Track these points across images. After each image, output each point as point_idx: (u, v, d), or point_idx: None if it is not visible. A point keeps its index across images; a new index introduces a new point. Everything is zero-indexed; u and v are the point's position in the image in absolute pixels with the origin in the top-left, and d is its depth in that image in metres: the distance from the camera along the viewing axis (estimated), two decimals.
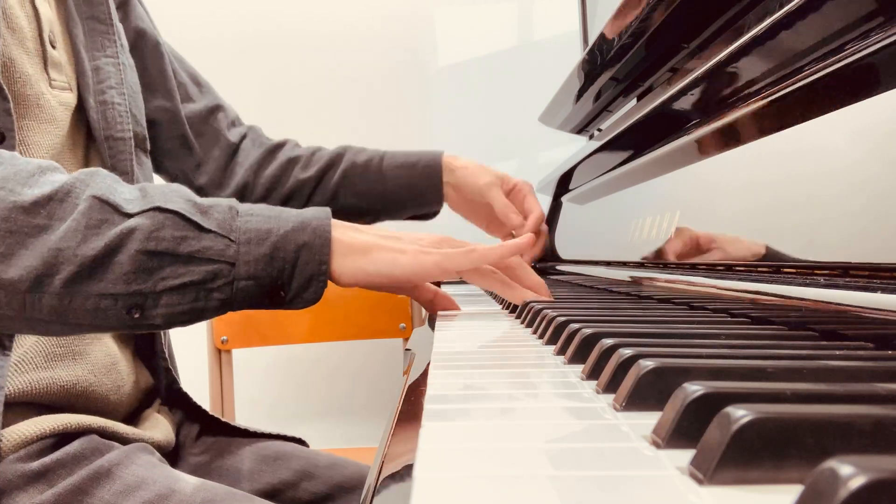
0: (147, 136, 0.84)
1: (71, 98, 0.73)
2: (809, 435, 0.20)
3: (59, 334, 0.61)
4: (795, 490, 0.17)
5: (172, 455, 0.78)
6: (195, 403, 0.83)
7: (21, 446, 0.61)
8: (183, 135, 0.93)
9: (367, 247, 0.59)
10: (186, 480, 0.63)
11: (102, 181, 0.55)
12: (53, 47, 0.71)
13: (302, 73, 1.74)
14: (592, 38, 0.97)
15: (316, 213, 0.59)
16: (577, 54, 1.47)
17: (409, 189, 0.99)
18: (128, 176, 0.76)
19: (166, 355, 0.82)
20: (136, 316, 0.54)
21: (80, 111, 0.75)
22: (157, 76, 0.89)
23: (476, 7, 1.77)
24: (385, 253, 0.59)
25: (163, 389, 0.82)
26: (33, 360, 0.65)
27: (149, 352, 0.81)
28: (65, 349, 0.68)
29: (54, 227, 0.52)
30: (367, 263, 0.59)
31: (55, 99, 0.71)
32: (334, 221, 0.59)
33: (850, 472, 0.15)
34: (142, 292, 0.53)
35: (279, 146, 1.03)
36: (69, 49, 0.75)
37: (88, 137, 0.76)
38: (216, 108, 0.98)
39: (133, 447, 0.66)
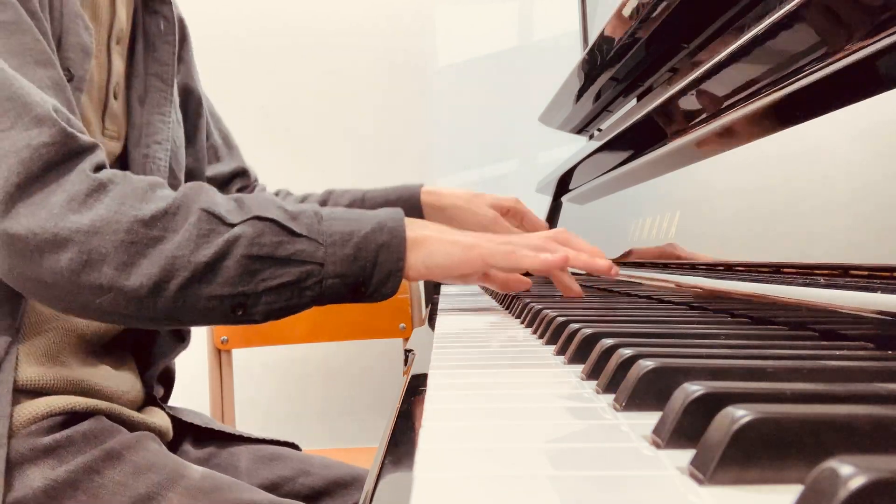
0: None
1: (117, 147, 0.76)
2: (809, 435, 0.20)
3: (164, 328, 0.67)
4: (795, 490, 0.17)
5: (170, 450, 0.79)
6: (187, 422, 0.83)
7: (32, 422, 0.63)
8: None
9: (428, 240, 0.65)
10: (194, 468, 0.66)
11: (206, 195, 0.61)
12: (115, 98, 0.75)
13: (302, 73, 1.74)
14: (592, 38, 0.97)
15: (390, 215, 0.65)
16: (577, 54, 1.47)
17: None
18: None
19: (173, 374, 0.84)
20: (240, 314, 0.60)
21: (122, 160, 0.77)
22: (191, 136, 0.91)
23: (476, 7, 1.77)
24: (441, 245, 0.65)
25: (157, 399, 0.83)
26: (40, 359, 0.67)
27: (145, 365, 0.81)
28: (67, 357, 0.69)
29: (169, 237, 0.58)
30: (426, 256, 0.64)
31: (105, 147, 0.73)
32: (406, 220, 0.65)
33: (850, 472, 0.15)
34: (245, 293, 0.59)
35: None
36: (124, 101, 0.78)
37: None
38: (238, 174, 0.99)
39: (142, 434, 0.68)
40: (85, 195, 0.58)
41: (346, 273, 0.61)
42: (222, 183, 0.97)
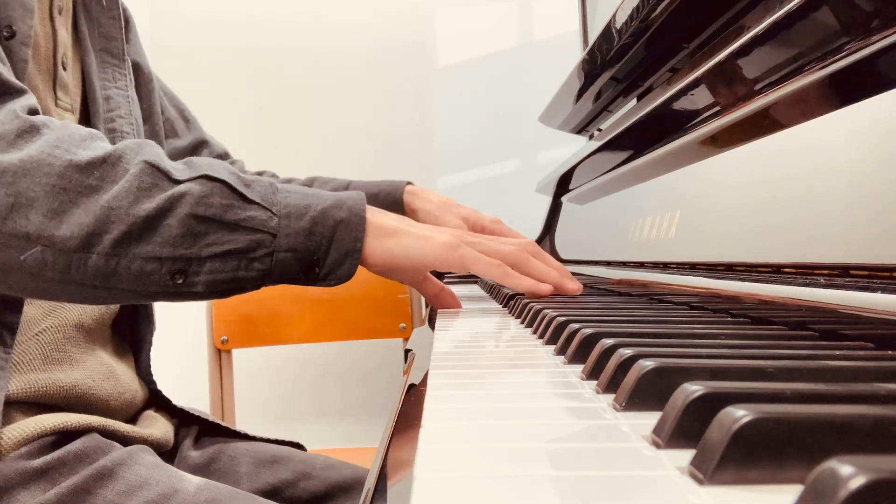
0: None
1: (72, 120, 0.74)
2: (809, 435, 0.20)
3: (97, 302, 0.61)
4: (795, 490, 0.17)
5: (170, 456, 0.78)
6: (192, 414, 0.83)
7: (22, 444, 0.61)
8: None
9: (396, 230, 0.62)
10: (189, 480, 0.64)
11: (152, 149, 0.57)
12: (64, 69, 0.72)
13: (302, 73, 1.74)
14: (592, 38, 0.97)
15: (350, 194, 0.61)
16: (577, 54, 1.47)
17: None
18: None
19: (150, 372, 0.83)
20: (179, 281, 0.55)
21: None
22: (147, 115, 0.89)
23: (476, 7, 1.77)
24: (413, 238, 0.62)
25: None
26: (31, 363, 0.65)
27: (137, 352, 0.81)
28: (63, 354, 0.68)
29: (106, 188, 0.53)
30: (395, 245, 0.61)
31: (59, 118, 0.71)
32: (367, 205, 0.62)
33: (850, 472, 0.15)
34: (187, 257, 0.54)
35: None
36: (78, 75, 0.76)
37: None
38: (200, 145, 0.96)
39: (135, 448, 0.66)
40: (15, 135, 0.53)
41: (299, 248, 0.57)
42: (184, 157, 0.92)
